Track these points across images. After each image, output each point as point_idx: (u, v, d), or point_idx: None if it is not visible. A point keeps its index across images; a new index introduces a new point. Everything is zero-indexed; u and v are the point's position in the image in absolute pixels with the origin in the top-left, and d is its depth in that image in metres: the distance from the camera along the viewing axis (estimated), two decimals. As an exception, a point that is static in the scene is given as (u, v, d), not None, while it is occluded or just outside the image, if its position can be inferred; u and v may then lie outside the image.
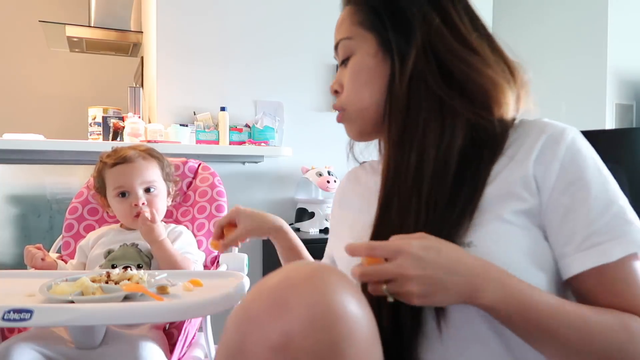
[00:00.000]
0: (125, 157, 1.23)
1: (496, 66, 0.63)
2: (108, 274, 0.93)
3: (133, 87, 2.37)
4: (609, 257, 0.53)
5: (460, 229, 0.56)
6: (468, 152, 0.61)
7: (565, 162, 0.57)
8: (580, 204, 0.56)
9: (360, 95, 0.69)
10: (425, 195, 0.59)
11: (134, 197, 1.21)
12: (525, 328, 0.51)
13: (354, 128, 0.73)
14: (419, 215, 0.59)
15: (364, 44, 0.68)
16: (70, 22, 2.90)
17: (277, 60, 2.38)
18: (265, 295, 0.44)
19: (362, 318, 0.44)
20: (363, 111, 0.69)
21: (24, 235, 2.10)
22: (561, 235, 0.57)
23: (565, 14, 2.90)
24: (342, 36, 0.70)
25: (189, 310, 0.82)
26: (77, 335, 0.94)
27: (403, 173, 0.62)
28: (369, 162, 0.82)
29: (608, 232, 0.54)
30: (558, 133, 0.59)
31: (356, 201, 0.77)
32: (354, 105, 0.70)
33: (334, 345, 0.41)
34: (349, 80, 0.70)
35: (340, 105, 0.73)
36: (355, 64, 0.69)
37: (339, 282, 0.45)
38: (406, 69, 0.63)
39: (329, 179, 2.16)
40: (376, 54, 0.67)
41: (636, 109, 2.88)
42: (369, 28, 0.67)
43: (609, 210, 0.55)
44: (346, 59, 0.70)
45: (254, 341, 0.42)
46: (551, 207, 0.57)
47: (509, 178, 0.58)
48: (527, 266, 0.55)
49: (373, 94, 0.67)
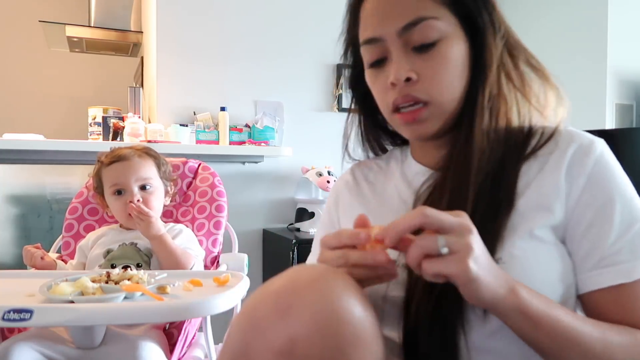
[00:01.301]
0: (121, 156, 1.24)
1: (548, 75, 0.64)
2: (108, 274, 0.93)
3: (133, 87, 2.37)
4: (627, 276, 0.53)
5: (491, 240, 0.54)
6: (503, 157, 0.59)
7: (593, 175, 0.56)
8: (604, 220, 0.55)
9: (453, 86, 0.61)
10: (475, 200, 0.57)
11: (129, 194, 1.21)
12: (551, 334, 0.50)
13: (436, 124, 0.62)
14: None
15: (454, 27, 0.60)
16: (70, 22, 2.90)
17: (277, 60, 2.38)
18: (270, 299, 0.44)
19: (367, 321, 0.44)
20: (452, 105, 0.61)
21: (24, 235, 2.10)
22: (582, 250, 0.56)
23: (565, 14, 2.90)
24: (426, 14, 0.59)
25: (189, 310, 0.82)
26: (77, 335, 0.94)
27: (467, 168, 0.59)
28: (372, 160, 0.79)
29: (630, 252, 0.54)
30: (587, 145, 0.58)
31: (366, 203, 0.73)
32: (443, 98, 0.60)
33: (340, 350, 0.41)
34: (442, 69, 0.60)
35: (420, 97, 0.60)
36: (448, 51, 0.60)
37: (343, 285, 0.44)
38: (493, 61, 0.61)
39: (329, 179, 2.16)
40: (465, 42, 0.61)
41: (636, 109, 2.88)
42: (458, 10, 0.60)
43: (632, 228, 0.55)
44: (430, 43, 0.59)
45: (258, 346, 0.42)
46: (574, 220, 0.56)
47: (540, 189, 0.57)
48: (554, 289, 0.54)
49: (462, 87, 0.62)
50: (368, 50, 0.64)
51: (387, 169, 0.75)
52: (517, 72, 0.63)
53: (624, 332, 0.52)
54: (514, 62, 0.63)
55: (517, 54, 0.63)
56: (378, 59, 0.63)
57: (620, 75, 2.77)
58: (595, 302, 0.56)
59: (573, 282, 0.57)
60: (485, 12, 0.61)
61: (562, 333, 0.49)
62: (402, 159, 0.74)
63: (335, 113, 2.47)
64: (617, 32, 2.73)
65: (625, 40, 2.77)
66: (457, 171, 0.60)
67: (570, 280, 0.56)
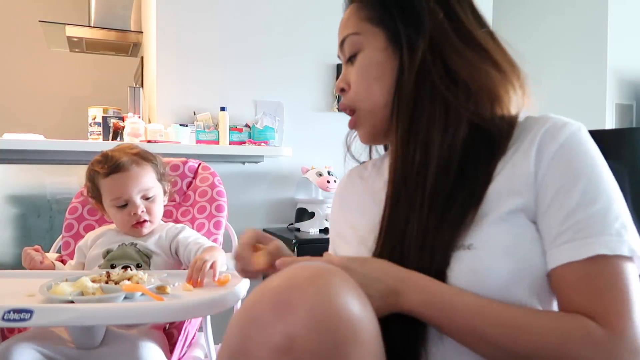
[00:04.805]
0: (119, 166, 1.18)
1: (499, 62, 0.63)
2: (108, 274, 0.93)
3: (133, 87, 2.37)
4: (577, 254, 0.52)
5: (462, 229, 0.56)
6: (471, 149, 0.60)
7: (559, 153, 0.56)
8: (564, 198, 0.54)
9: (371, 91, 0.67)
10: (429, 194, 0.59)
11: (133, 206, 1.19)
12: (452, 328, 0.53)
13: (366, 129, 0.70)
14: (422, 214, 0.59)
15: (372, 39, 0.66)
16: (70, 22, 2.90)
17: (277, 60, 2.38)
18: (268, 296, 0.44)
19: (366, 319, 0.44)
20: (374, 109, 0.67)
21: (24, 235, 2.10)
22: (544, 228, 0.56)
23: (566, 14, 2.90)
24: (349, 32, 0.68)
25: (189, 310, 0.82)
26: (77, 335, 0.94)
27: (409, 170, 0.62)
28: (370, 160, 0.82)
29: (584, 229, 0.53)
30: (558, 126, 0.58)
31: (359, 200, 0.76)
32: (364, 103, 0.68)
33: (338, 347, 0.41)
34: (359, 77, 0.68)
35: (349, 104, 0.70)
36: (364, 60, 0.67)
37: (342, 283, 0.45)
38: (414, 63, 0.63)
39: (329, 179, 2.16)
40: (386, 48, 0.66)
41: (636, 109, 2.88)
42: (378, 23, 0.66)
43: (592, 207, 0.53)
44: (353, 55, 0.69)
45: (256, 343, 0.42)
46: (540, 198, 0.56)
47: (511, 174, 0.58)
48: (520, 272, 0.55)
49: (383, 90, 0.66)
50: None
51: (381, 166, 0.77)
52: (443, 73, 0.62)
53: (545, 319, 0.51)
54: (444, 67, 0.62)
55: (453, 53, 0.62)
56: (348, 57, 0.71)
57: (620, 75, 2.77)
58: (555, 280, 0.55)
59: (539, 262, 0.55)
60: (401, 23, 0.64)
61: (464, 325, 0.52)
62: None
63: (335, 113, 2.47)
64: (617, 32, 2.74)
65: (625, 40, 2.77)
66: (391, 176, 0.65)
67: (533, 261, 0.55)
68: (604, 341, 0.49)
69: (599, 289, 0.51)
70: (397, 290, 0.54)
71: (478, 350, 0.53)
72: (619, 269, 0.52)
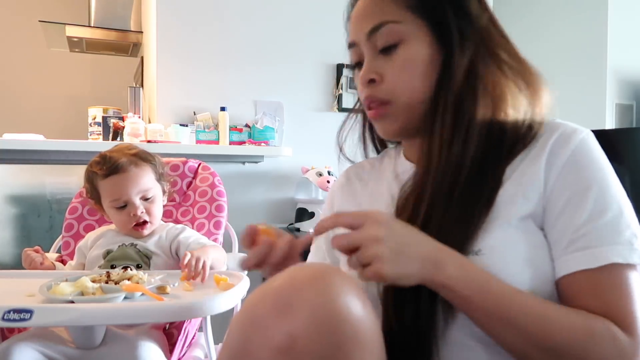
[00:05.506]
0: (118, 167, 1.18)
1: (526, 71, 0.63)
2: (108, 274, 0.93)
3: (133, 87, 2.37)
4: (592, 262, 0.53)
5: (471, 233, 0.56)
6: (484, 153, 0.60)
7: (570, 162, 0.57)
8: (576, 206, 0.55)
9: (414, 86, 0.63)
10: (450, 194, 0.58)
11: (132, 207, 1.19)
12: (483, 310, 0.51)
13: (397, 123, 0.65)
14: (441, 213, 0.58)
15: (417, 30, 0.62)
16: (70, 22, 2.90)
17: (277, 61, 2.37)
18: (270, 297, 0.44)
19: (366, 319, 0.44)
20: (415, 105, 0.63)
21: (24, 235, 2.10)
22: (554, 235, 0.56)
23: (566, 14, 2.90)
24: (388, 19, 0.62)
25: (189, 310, 0.82)
26: (77, 335, 0.94)
27: (442, 169, 0.60)
28: (367, 160, 0.81)
29: (597, 238, 0.53)
30: (568, 133, 0.58)
31: (359, 201, 0.75)
32: (404, 98, 0.63)
33: (339, 347, 0.41)
34: (401, 70, 0.62)
35: (383, 97, 0.64)
36: (408, 53, 0.62)
37: (343, 283, 0.45)
38: (464, 62, 0.61)
39: (329, 179, 2.16)
40: (431, 44, 0.62)
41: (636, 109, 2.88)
42: (423, 14, 0.62)
43: (604, 216, 0.54)
44: (391, 46, 0.63)
45: (258, 343, 0.42)
46: (550, 206, 0.57)
47: (521, 179, 0.58)
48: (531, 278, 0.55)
49: (425, 86, 0.62)
50: (350, 54, 0.69)
51: (380, 167, 0.76)
52: (492, 76, 0.62)
53: (573, 315, 0.52)
54: (487, 66, 0.62)
55: (493, 58, 0.63)
56: (357, 62, 0.68)
57: (620, 75, 2.77)
58: (566, 287, 0.55)
59: (549, 268, 0.56)
60: (453, 18, 0.62)
61: (495, 309, 0.51)
62: (395, 157, 0.75)
63: (335, 113, 2.47)
64: (617, 32, 2.74)
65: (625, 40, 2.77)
66: (422, 171, 0.63)
67: (544, 267, 0.56)
68: (627, 346, 0.51)
69: (613, 296, 0.53)
70: (437, 260, 0.51)
71: (503, 337, 0.52)
72: (631, 277, 0.53)
